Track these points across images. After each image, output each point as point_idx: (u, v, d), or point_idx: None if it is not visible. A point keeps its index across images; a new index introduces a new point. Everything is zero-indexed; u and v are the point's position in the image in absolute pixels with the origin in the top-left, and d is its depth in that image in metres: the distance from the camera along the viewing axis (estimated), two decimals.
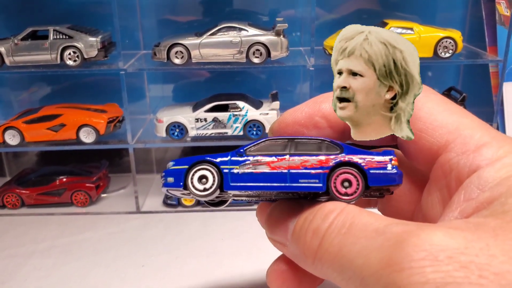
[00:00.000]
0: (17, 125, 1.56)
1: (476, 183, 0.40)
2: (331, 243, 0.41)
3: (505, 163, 0.40)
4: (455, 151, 0.44)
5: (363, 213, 0.42)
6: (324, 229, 0.43)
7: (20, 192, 1.63)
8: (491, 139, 0.43)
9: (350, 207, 0.44)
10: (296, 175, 0.47)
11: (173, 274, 1.26)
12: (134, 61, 1.60)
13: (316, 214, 0.45)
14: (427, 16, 1.72)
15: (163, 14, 1.75)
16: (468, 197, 0.40)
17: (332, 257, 0.41)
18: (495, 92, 1.62)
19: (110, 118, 1.59)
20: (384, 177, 0.46)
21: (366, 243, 0.38)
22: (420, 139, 0.47)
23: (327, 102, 0.53)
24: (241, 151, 0.50)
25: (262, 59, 1.52)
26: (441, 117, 0.47)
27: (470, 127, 0.45)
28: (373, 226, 0.39)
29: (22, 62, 1.52)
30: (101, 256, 1.37)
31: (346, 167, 0.47)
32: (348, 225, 0.41)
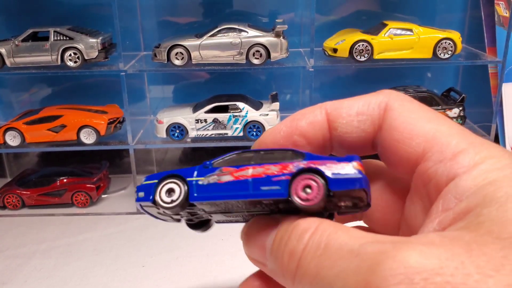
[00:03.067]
0: (17, 126, 1.56)
1: (454, 192, 0.40)
2: (308, 266, 0.41)
3: (481, 170, 0.39)
4: (432, 159, 0.43)
5: (339, 231, 0.41)
6: (300, 251, 0.42)
7: (20, 193, 1.63)
8: (468, 145, 0.42)
9: (325, 224, 0.43)
10: (258, 183, 0.46)
11: (173, 274, 1.27)
12: (134, 62, 1.61)
13: (291, 234, 0.44)
14: (426, 17, 1.72)
15: (163, 15, 1.76)
16: (446, 207, 0.40)
17: (311, 279, 0.40)
18: (494, 93, 1.63)
19: (111, 119, 1.59)
20: (345, 180, 0.45)
21: (343, 265, 0.38)
22: (398, 150, 0.46)
23: (303, 120, 0.52)
24: (208, 164, 0.50)
25: (262, 60, 1.52)
26: (418, 125, 0.46)
27: (447, 134, 0.44)
28: (348, 246, 0.39)
29: (23, 63, 1.52)
30: (101, 256, 1.37)
31: (307, 173, 0.46)
32: (323, 246, 0.40)
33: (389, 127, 0.47)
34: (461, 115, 1.60)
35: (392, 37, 1.53)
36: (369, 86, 1.80)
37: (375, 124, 0.49)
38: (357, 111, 0.50)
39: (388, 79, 1.75)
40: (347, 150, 0.52)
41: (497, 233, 0.34)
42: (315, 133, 0.51)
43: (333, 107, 0.51)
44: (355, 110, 0.50)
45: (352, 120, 0.50)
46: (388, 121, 0.48)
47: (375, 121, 0.49)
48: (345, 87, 1.82)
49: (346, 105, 0.51)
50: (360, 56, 1.54)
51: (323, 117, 0.51)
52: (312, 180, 0.45)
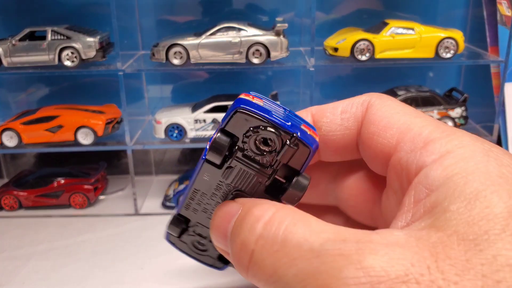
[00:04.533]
0: (14, 127, 1.55)
1: (424, 182, 0.38)
2: (264, 262, 0.38)
3: (452, 159, 0.38)
4: (404, 149, 0.42)
5: (298, 223, 0.38)
6: (252, 243, 0.39)
7: (17, 194, 1.62)
8: (440, 134, 0.41)
9: (282, 212, 0.40)
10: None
11: (173, 276, 1.26)
12: (132, 62, 1.59)
13: (242, 222, 0.41)
14: (428, 16, 1.71)
15: (161, 14, 1.74)
16: (418, 198, 0.38)
17: (267, 277, 0.38)
18: (496, 93, 1.61)
19: (108, 119, 1.58)
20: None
21: (302, 266, 0.35)
22: (373, 142, 0.46)
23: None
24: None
25: (262, 60, 1.51)
26: (393, 118, 0.45)
27: (420, 125, 0.43)
28: (308, 244, 0.36)
29: (20, 63, 1.51)
30: (99, 258, 1.36)
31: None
32: (280, 241, 0.38)
33: (367, 121, 0.47)
34: (463, 115, 1.59)
35: (394, 36, 1.52)
36: (370, 85, 1.81)
37: (358, 121, 0.49)
38: (341, 110, 0.50)
39: (389, 78, 1.74)
40: (333, 152, 0.52)
41: (462, 234, 0.33)
42: None
43: (318, 109, 0.52)
44: (339, 110, 0.51)
45: (336, 118, 0.50)
46: (367, 116, 0.48)
47: (358, 119, 0.49)
48: (346, 87, 1.81)
49: (330, 106, 0.51)
50: (361, 55, 1.52)
51: (309, 119, 0.52)
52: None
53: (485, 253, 0.31)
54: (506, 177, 0.36)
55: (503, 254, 0.31)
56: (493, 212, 0.33)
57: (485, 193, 0.34)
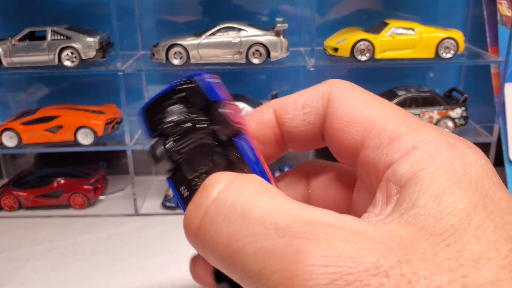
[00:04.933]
0: (14, 127, 1.55)
1: (393, 179, 0.38)
2: (217, 231, 0.34)
3: (419, 155, 0.38)
4: (370, 146, 0.41)
5: (261, 195, 0.35)
6: (204, 208, 0.36)
7: (17, 194, 1.61)
8: (405, 129, 0.40)
9: (241, 179, 0.37)
10: None
11: (173, 276, 1.26)
12: (132, 62, 1.59)
13: (200, 189, 0.38)
14: (428, 16, 1.71)
15: (161, 14, 1.74)
16: (388, 195, 0.38)
17: (218, 249, 0.35)
18: (496, 93, 1.61)
19: (108, 119, 1.58)
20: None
21: (264, 244, 0.33)
22: (339, 138, 0.45)
23: (252, 121, 0.52)
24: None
25: (262, 60, 1.51)
26: (356, 112, 0.44)
27: (385, 119, 0.42)
28: (272, 220, 0.33)
29: (20, 63, 1.51)
30: (99, 258, 1.36)
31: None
32: (240, 211, 0.34)
33: (330, 116, 0.46)
34: (463, 116, 1.58)
35: (394, 36, 1.52)
36: (370, 85, 1.79)
37: (320, 115, 0.48)
38: (302, 104, 0.49)
39: (389, 78, 1.74)
40: (299, 144, 0.51)
41: (430, 229, 0.33)
42: (265, 132, 0.51)
43: (279, 103, 0.51)
44: (300, 104, 0.49)
45: (298, 113, 0.49)
46: (330, 110, 0.47)
47: (319, 112, 0.48)
48: None
49: (291, 100, 0.50)
50: (361, 56, 1.52)
51: (271, 115, 0.51)
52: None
53: (451, 248, 0.31)
54: (469, 175, 0.36)
55: (468, 248, 0.31)
56: (458, 207, 0.33)
57: (451, 189, 0.35)
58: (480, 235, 0.32)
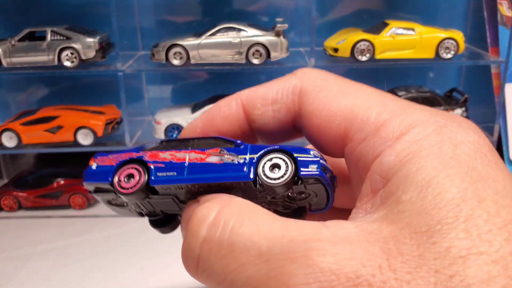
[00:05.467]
0: (14, 127, 1.55)
1: (379, 171, 0.36)
2: (212, 268, 0.36)
3: (405, 143, 0.35)
4: (355, 139, 0.39)
5: (244, 222, 0.36)
6: (197, 248, 0.37)
7: (17, 195, 1.61)
8: (389, 115, 0.38)
9: (228, 208, 0.38)
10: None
11: (172, 277, 1.25)
12: (132, 62, 1.59)
13: (188, 225, 0.39)
14: (428, 16, 1.71)
15: (161, 14, 1.74)
16: (375, 188, 0.36)
17: (217, 283, 0.37)
18: (497, 93, 1.61)
19: (108, 119, 1.57)
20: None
21: (251, 272, 0.34)
22: (321, 135, 0.43)
23: (218, 115, 0.49)
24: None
25: (262, 60, 1.51)
26: (334, 104, 0.42)
27: (365, 107, 0.40)
28: (255, 247, 0.34)
29: (20, 63, 1.51)
30: (99, 258, 1.36)
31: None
32: (227, 245, 0.36)
33: (306, 113, 0.44)
34: (464, 116, 1.58)
35: (394, 37, 1.52)
36: (370, 85, 1.79)
37: (291, 112, 0.46)
38: (271, 100, 0.47)
39: (390, 79, 1.74)
40: (272, 139, 0.49)
41: (414, 226, 0.31)
42: (232, 128, 0.48)
43: (248, 97, 0.49)
44: (270, 99, 0.47)
45: (267, 110, 0.47)
46: (305, 107, 0.44)
47: (290, 109, 0.46)
48: None
49: (260, 93, 0.48)
50: (361, 56, 1.52)
51: (239, 110, 0.49)
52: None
53: (438, 245, 0.30)
54: (459, 157, 0.34)
55: (456, 245, 0.29)
56: (445, 199, 0.31)
57: (437, 179, 0.32)
58: (469, 227, 0.30)
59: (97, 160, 0.48)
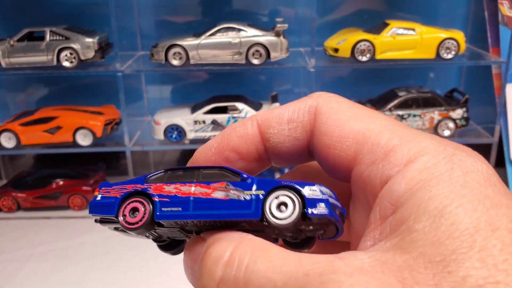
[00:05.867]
0: (13, 128, 1.54)
1: (388, 198, 0.36)
2: None
3: (415, 170, 0.36)
4: (364, 162, 0.39)
5: (258, 260, 0.36)
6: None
7: (16, 196, 1.61)
8: (400, 141, 0.38)
9: (242, 247, 0.38)
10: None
11: (171, 279, 1.25)
12: (131, 62, 1.59)
13: (201, 265, 0.39)
14: (429, 16, 1.71)
15: (161, 14, 1.74)
16: (384, 214, 0.36)
17: None
18: (498, 93, 1.61)
19: (107, 120, 1.57)
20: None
21: None
22: (330, 155, 0.43)
23: (234, 134, 0.49)
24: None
25: (262, 60, 1.50)
26: (346, 127, 0.42)
27: (377, 132, 0.40)
28: (270, 283, 0.35)
29: (18, 64, 1.50)
30: (98, 260, 1.36)
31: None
32: (242, 283, 0.36)
33: (319, 132, 0.44)
34: (464, 116, 1.58)
35: (395, 37, 1.51)
36: (371, 86, 1.80)
37: (306, 131, 0.46)
38: (287, 119, 0.47)
39: (390, 79, 1.73)
40: (285, 160, 0.49)
41: (429, 255, 0.31)
42: (247, 146, 0.48)
43: (264, 118, 0.48)
44: (285, 119, 0.47)
45: (283, 129, 0.47)
46: (318, 126, 0.44)
47: (306, 127, 0.46)
48: (346, 88, 1.80)
49: (276, 114, 0.47)
50: (362, 56, 1.52)
51: (255, 129, 0.48)
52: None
53: (454, 275, 0.30)
54: (471, 186, 0.34)
55: (472, 274, 0.29)
56: (458, 229, 0.31)
57: (450, 208, 0.32)
58: (485, 257, 0.30)
59: (102, 191, 0.46)
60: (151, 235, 0.47)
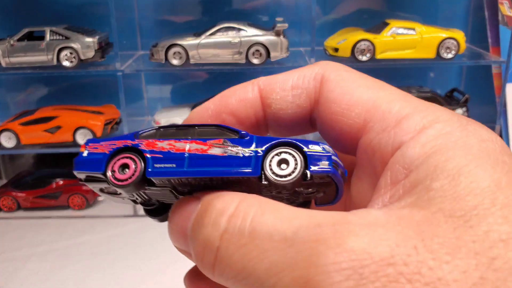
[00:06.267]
0: (13, 127, 1.54)
1: (401, 162, 0.35)
2: (231, 258, 0.34)
3: (430, 136, 0.35)
4: (375, 129, 0.38)
5: (265, 212, 0.35)
6: (217, 239, 0.35)
7: (16, 195, 1.61)
8: (413, 110, 0.37)
9: (246, 202, 0.36)
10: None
11: (172, 277, 1.25)
12: (131, 62, 1.59)
13: (204, 218, 0.37)
14: (429, 16, 1.71)
15: (161, 14, 1.74)
16: (395, 179, 0.35)
17: (235, 273, 0.34)
18: (498, 93, 1.61)
19: (107, 120, 1.57)
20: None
21: (274, 257, 0.32)
22: (337, 123, 0.41)
23: (233, 97, 0.47)
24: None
25: (262, 60, 1.50)
26: (356, 95, 0.41)
27: (388, 100, 0.39)
28: (279, 232, 0.33)
29: (18, 63, 1.50)
30: (98, 259, 1.36)
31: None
32: (248, 233, 0.34)
33: (325, 100, 0.43)
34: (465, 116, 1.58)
35: (395, 36, 1.51)
36: None
37: (311, 98, 0.44)
38: (291, 85, 0.45)
39: (390, 79, 1.71)
40: (285, 129, 0.47)
41: (449, 210, 0.30)
42: (247, 111, 0.47)
43: (266, 82, 0.47)
44: (290, 84, 0.45)
45: (287, 95, 0.45)
46: (324, 93, 0.43)
47: (311, 95, 0.44)
48: None
49: (280, 79, 0.46)
50: (362, 56, 1.51)
51: (256, 94, 0.47)
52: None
53: (476, 229, 0.29)
54: (487, 151, 0.33)
55: (495, 229, 0.29)
56: (480, 186, 0.31)
57: (468, 168, 0.32)
58: (507, 214, 0.29)
59: (89, 147, 0.43)
60: (139, 197, 0.45)
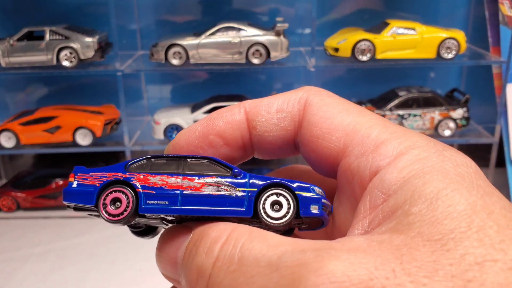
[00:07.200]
0: (12, 127, 1.54)
1: (380, 187, 0.36)
2: (221, 284, 0.36)
3: (407, 161, 0.36)
4: (354, 154, 0.40)
5: (254, 240, 0.36)
6: (210, 267, 0.37)
7: (16, 195, 1.60)
8: (390, 136, 0.39)
9: (238, 231, 0.38)
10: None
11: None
12: (131, 62, 1.58)
13: (199, 247, 0.39)
14: (429, 16, 1.70)
15: (161, 14, 1.73)
16: (374, 203, 0.36)
17: None
18: (498, 93, 1.60)
19: (107, 120, 1.57)
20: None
21: (260, 282, 0.33)
22: (318, 146, 0.43)
23: (220, 119, 0.48)
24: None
25: (262, 60, 1.50)
26: (337, 119, 0.42)
27: (367, 125, 0.41)
28: (265, 258, 0.34)
29: (18, 63, 1.50)
30: (98, 259, 1.35)
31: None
32: (237, 260, 0.35)
33: (308, 123, 0.44)
34: (465, 116, 1.57)
35: (395, 36, 1.51)
36: (371, 86, 1.80)
37: (295, 121, 0.45)
38: (276, 109, 0.46)
39: (390, 79, 1.73)
40: (270, 151, 0.48)
41: (427, 234, 0.31)
42: (233, 132, 0.47)
43: (252, 105, 0.48)
44: (275, 108, 0.46)
45: (272, 117, 0.46)
46: (307, 117, 0.44)
47: (295, 118, 0.45)
48: (347, 87, 1.80)
49: (265, 102, 0.47)
50: (362, 56, 1.51)
51: (242, 116, 0.47)
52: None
53: (452, 252, 0.30)
54: (463, 175, 0.34)
55: (471, 252, 0.29)
56: (456, 210, 0.32)
57: (445, 191, 0.33)
58: (482, 237, 0.30)
59: (78, 177, 0.43)
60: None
